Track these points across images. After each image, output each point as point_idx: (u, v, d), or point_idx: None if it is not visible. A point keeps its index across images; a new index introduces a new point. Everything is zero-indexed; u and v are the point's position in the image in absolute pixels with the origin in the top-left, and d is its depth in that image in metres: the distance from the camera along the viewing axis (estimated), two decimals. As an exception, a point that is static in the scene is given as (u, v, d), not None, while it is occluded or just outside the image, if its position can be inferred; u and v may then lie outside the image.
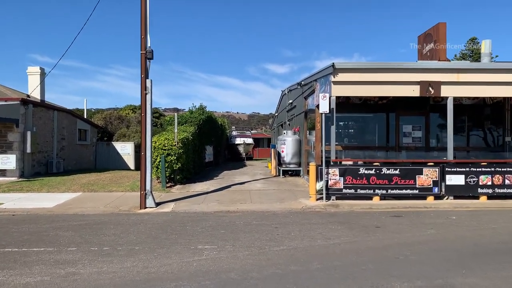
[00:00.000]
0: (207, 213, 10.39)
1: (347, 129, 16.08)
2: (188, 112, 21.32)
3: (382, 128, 15.49)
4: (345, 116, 15.81)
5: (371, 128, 15.97)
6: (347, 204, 11.31)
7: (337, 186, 11.69)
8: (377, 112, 15.37)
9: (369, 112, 15.49)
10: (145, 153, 11.41)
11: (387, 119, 15.76)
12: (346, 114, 15.76)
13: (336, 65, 11.57)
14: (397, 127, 14.60)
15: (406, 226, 8.33)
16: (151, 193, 11.44)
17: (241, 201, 12.12)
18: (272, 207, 11.17)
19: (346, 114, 15.74)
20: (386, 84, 11.82)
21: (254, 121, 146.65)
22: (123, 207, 11.55)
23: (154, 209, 11.21)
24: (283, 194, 13.35)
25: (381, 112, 15.38)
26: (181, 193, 13.85)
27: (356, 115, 15.67)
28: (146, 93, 11.42)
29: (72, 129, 23.78)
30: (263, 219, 9.22)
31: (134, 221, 9.17)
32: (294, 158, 17.88)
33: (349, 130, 15.93)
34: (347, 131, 16.06)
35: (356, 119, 15.91)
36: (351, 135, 15.86)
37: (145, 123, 11.45)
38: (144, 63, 11.44)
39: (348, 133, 16.08)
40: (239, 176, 18.80)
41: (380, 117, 15.48)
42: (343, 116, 16.02)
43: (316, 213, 10.28)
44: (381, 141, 15.56)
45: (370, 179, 11.66)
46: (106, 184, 15.78)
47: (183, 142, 15.55)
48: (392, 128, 15.20)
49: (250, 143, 37.57)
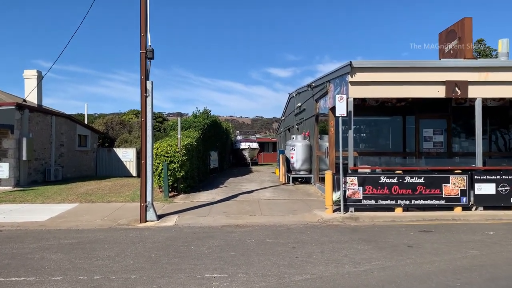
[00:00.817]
0: (214, 227, 9.38)
1: (362, 133, 15.06)
2: (192, 116, 20.37)
3: (400, 132, 14.47)
4: (360, 119, 14.80)
5: (388, 133, 14.95)
6: (367, 217, 10.28)
7: (355, 197, 10.66)
8: (395, 115, 14.37)
9: (386, 115, 14.48)
10: (145, 161, 10.44)
11: (404, 123, 14.75)
12: (361, 117, 14.73)
13: (354, 63, 10.58)
14: (416, 131, 13.56)
15: (443, 245, 7.28)
16: (152, 205, 10.45)
17: (250, 213, 11.11)
18: (285, 220, 10.15)
19: (360, 117, 14.72)
20: (408, 84, 10.81)
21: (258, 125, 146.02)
22: (122, 220, 10.57)
23: (155, 222, 10.22)
24: (295, 205, 12.33)
25: (399, 115, 14.37)
26: (185, 203, 12.85)
27: (371, 118, 14.65)
28: (146, 95, 10.46)
29: (72, 135, 22.88)
30: (277, 236, 8.20)
31: (132, 239, 8.17)
32: (305, 164, 16.86)
33: (364, 134, 14.91)
34: (362, 135, 15.04)
35: (371, 122, 14.89)
36: (366, 140, 14.83)
37: (146, 128, 10.49)
38: (144, 63, 10.49)
39: (363, 138, 15.06)
40: (246, 184, 17.79)
41: (398, 121, 14.47)
42: (358, 119, 14.97)
43: (335, 228, 9.25)
44: (399, 146, 14.54)
45: (392, 189, 10.62)
46: (105, 193, 14.81)
47: (187, 148, 14.58)
48: (411, 132, 14.16)
49: (256, 148, 36.57)
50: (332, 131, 13.29)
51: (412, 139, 14.68)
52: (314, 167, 16.44)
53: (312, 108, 16.57)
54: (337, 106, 10.45)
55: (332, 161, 13.24)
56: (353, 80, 10.76)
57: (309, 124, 17.51)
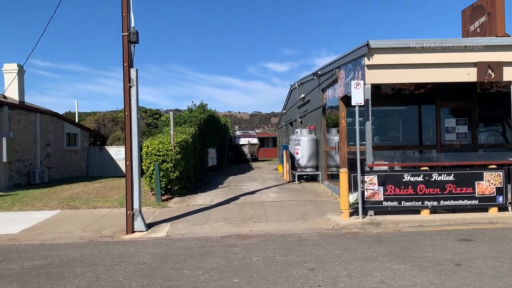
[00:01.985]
0: (212, 239, 7.94)
1: (376, 125, 13.56)
2: (187, 111, 18.84)
3: (419, 123, 12.99)
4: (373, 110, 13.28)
5: (404, 124, 13.48)
6: (390, 222, 8.85)
7: (375, 198, 9.22)
8: (412, 104, 12.92)
9: (402, 104, 13.02)
10: (131, 162, 8.97)
11: (420, 113, 13.28)
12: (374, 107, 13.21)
13: (372, 44, 9.10)
14: (437, 122, 12.11)
15: (497, 261, 5.84)
16: (140, 213, 8.99)
17: (254, 219, 9.67)
18: (295, 228, 8.71)
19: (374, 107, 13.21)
20: (434, 67, 9.34)
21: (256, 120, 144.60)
22: (106, 231, 9.14)
23: (144, 233, 8.77)
24: (304, 207, 10.88)
25: (417, 104, 12.91)
26: (180, 208, 11.40)
27: (386, 108, 13.17)
28: (130, 85, 8.97)
29: (59, 133, 21.36)
30: (289, 251, 6.75)
31: (113, 258, 6.72)
32: (311, 160, 15.40)
33: (378, 126, 13.41)
34: (375, 127, 13.53)
35: (385, 113, 13.41)
36: (380, 132, 13.35)
37: (130, 124, 9.01)
38: (127, 48, 8.99)
39: (376, 131, 13.56)
40: (247, 183, 16.33)
41: (416, 110, 13.01)
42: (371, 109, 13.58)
43: (355, 236, 7.81)
44: (416, 138, 13.07)
45: (418, 188, 9.19)
46: (91, 198, 13.34)
47: (181, 146, 13.11)
48: (427, 123, 12.70)
49: (256, 143, 35.11)
50: (343, 123, 11.84)
51: (428, 130, 13.25)
52: (321, 164, 14.99)
53: (318, 98, 15.10)
54: (353, 94, 8.99)
55: (344, 157, 11.80)
56: (370, 63, 9.29)
57: (314, 117, 16.04)
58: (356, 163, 12.15)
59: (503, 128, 12.57)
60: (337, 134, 14.54)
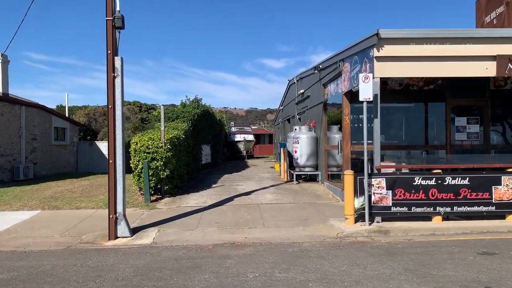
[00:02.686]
0: (203, 248, 7.10)
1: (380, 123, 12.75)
2: (180, 105, 17.92)
3: (427, 121, 12.19)
4: (379, 106, 12.48)
5: (411, 122, 12.68)
6: (399, 229, 8.05)
7: (383, 203, 8.41)
8: (420, 101, 12.12)
9: (410, 101, 12.21)
10: (114, 160, 8.10)
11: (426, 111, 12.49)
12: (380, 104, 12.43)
13: (382, 33, 8.26)
14: (447, 120, 11.30)
15: (532, 283, 5.05)
16: (124, 217, 8.13)
17: (249, 224, 8.85)
18: (295, 235, 7.90)
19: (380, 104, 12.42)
20: (449, 60, 8.52)
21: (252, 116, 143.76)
22: (87, 235, 8.29)
23: (128, 239, 7.93)
24: (304, 211, 10.06)
25: (425, 101, 12.11)
26: (170, 209, 10.55)
27: (392, 105, 12.34)
28: (114, 75, 8.09)
29: (46, 127, 20.40)
30: (289, 266, 5.93)
31: (89, 272, 5.86)
32: (310, 159, 14.58)
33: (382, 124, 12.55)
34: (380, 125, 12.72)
35: (392, 110, 12.59)
36: (385, 131, 12.51)
37: (114, 118, 8.13)
38: (111, 34, 8.10)
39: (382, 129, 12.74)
40: (242, 182, 15.49)
41: (424, 108, 12.22)
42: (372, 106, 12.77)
43: (362, 247, 7.00)
44: (424, 138, 12.27)
45: (430, 193, 8.39)
46: (75, 197, 12.45)
47: (173, 143, 12.24)
48: (439, 122, 11.89)
49: (251, 140, 34.27)
50: (347, 120, 11.02)
51: (437, 129, 12.46)
52: (321, 163, 14.18)
53: (318, 94, 14.26)
54: (361, 88, 8.15)
55: (347, 157, 10.99)
56: (379, 54, 8.45)
57: (314, 113, 15.21)
58: (359, 163, 11.37)
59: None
60: (338, 132, 13.73)
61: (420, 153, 11.94)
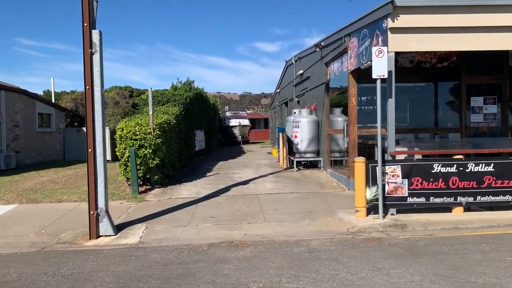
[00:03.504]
0: (197, 249, 6.17)
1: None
2: (171, 88, 16.80)
3: (439, 102, 11.26)
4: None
5: (423, 103, 11.74)
6: (417, 223, 7.17)
7: (398, 193, 7.50)
8: (433, 80, 11.16)
9: (421, 80, 11.27)
10: (93, 149, 7.10)
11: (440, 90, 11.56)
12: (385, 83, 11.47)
13: (397, 1, 7.23)
14: (462, 101, 10.36)
15: None
16: (107, 214, 7.17)
17: (249, 218, 7.93)
18: (301, 231, 7.00)
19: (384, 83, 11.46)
20: (472, 31, 7.53)
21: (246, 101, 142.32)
22: (66, 234, 7.35)
23: (111, 239, 6.98)
24: (308, 202, 9.15)
25: (438, 80, 11.16)
26: (160, 202, 9.60)
27: (402, 85, 11.29)
28: (92, 52, 7.02)
29: (30, 113, 19.19)
30: (298, 272, 5.01)
31: (61, 283, 4.92)
32: (311, 145, 13.64)
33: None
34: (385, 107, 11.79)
35: (402, 90, 11.56)
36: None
37: (92, 101, 7.09)
38: (87, 3, 6.99)
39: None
40: (239, 170, 14.55)
41: (436, 87, 11.27)
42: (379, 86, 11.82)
43: (379, 245, 6.12)
44: (437, 120, 11.36)
45: (450, 181, 7.48)
46: (57, 188, 11.44)
47: (163, 128, 11.22)
48: (452, 102, 10.97)
49: (247, 125, 33.30)
50: (354, 101, 10.05)
51: (451, 111, 11.58)
52: (323, 149, 13.24)
53: (320, 74, 13.24)
54: (374, 64, 7.16)
55: (354, 142, 10.07)
56: (394, 25, 7.43)
57: (315, 95, 14.21)
58: (365, 149, 10.45)
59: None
60: (341, 115, 12.79)
61: (432, 137, 11.03)
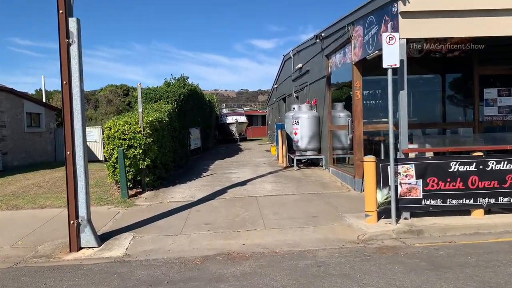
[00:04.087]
0: (189, 263, 5.44)
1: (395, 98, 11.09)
2: (164, 85, 16.01)
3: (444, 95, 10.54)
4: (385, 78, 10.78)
5: (428, 97, 11.03)
6: (434, 228, 6.46)
7: (412, 195, 6.79)
8: (442, 71, 10.45)
9: (428, 72, 10.55)
10: (72, 151, 6.37)
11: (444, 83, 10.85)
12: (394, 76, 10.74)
13: (410, -18, 6.50)
14: (475, 93, 9.65)
15: None
16: (89, 223, 6.43)
17: (247, 224, 7.21)
18: (306, 239, 6.28)
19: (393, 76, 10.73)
20: (497, 14, 6.80)
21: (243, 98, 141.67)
22: (45, 245, 6.63)
23: (94, 251, 6.25)
24: (312, 205, 8.43)
25: (446, 72, 10.44)
26: (151, 207, 8.87)
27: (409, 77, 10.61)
28: (69, 42, 6.26)
29: (17, 113, 18.39)
30: (306, 293, 4.30)
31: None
32: (312, 142, 12.92)
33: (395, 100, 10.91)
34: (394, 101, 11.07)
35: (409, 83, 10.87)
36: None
37: (70, 97, 6.35)
38: (62, -12, 6.22)
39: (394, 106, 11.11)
40: (236, 170, 13.81)
41: (446, 79, 10.56)
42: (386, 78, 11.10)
43: (395, 256, 5.40)
44: (447, 114, 10.65)
45: (469, 181, 6.78)
46: (42, 193, 10.69)
47: (154, 127, 10.47)
48: (464, 94, 10.26)
49: (244, 122, 32.54)
50: (359, 95, 9.34)
51: (462, 104, 10.87)
52: (325, 146, 12.51)
53: (320, 67, 12.50)
54: (385, 52, 6.43)
55: (359, 139, 9.36)
56: (406, 9, 6.70)
57: (315, 90, 13.47)
58: (370, 146, 9.79)
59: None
60: (343, 110, 12.05)
61: (440, 132, 10.33)
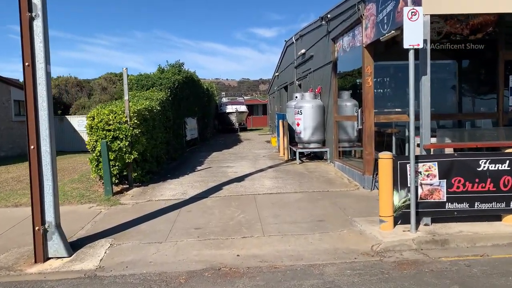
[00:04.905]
0: (171, 280, 4.54)
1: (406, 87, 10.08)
2: (157, 71, 14.99)
3: (468, 82, 9.56)
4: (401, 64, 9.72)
5: (446, 84, 10.03)
6: (461, 237, 5.52)
7: (434, 198, 5.84)
8: (462, 56, 9.42)
9: (447, 57, 9.52)
10: (37, 145, 5.42)
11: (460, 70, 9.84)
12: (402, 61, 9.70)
13: None
14: (500, 80, 8.65)
15: None
16: (58, 229, 5.51)
17: (243, 229, 6.29)
18: (311, 249, 5.36)
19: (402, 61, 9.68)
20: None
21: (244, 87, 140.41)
22: (9, 254, 5.74)
23: (64, 262, 5.34)
24: (316, 205, 7.50)
25: (469, 57, 9.44)
26: (137, 206, 7.95)
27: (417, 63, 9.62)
28: (31, 16, 5.26)
29: (4, 100, 17.48)
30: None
31: None
32: (316, 134, 11.96)
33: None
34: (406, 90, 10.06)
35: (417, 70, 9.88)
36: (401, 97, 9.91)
37: (33, 82, 5.39)
38: (22, -49, 5.21)
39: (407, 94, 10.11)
40: (234, 163, 12.86)
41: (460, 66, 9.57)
42: (398, 64, 10.11)
43: (418, 274, 4.49)
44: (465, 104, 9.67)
45: (501, 182, 5.83)
46: (19, 188, 9.81)
47: (143, 116, 9.52)
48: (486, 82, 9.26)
49: (244, 111, 31.56)
50: (370, 82, 8.36)
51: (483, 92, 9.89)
52: (330, 138, 11.55)
53: (326, 52, 11.48)
54: (406, 30, 5.43)
55: (370, 131, 8.40)
56: (431, -21, 5.67)
57: (320, 77, 12.46)
58: (382, 140, 8.89)
59: None
60: (350, 99, 11.08)
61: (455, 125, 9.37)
